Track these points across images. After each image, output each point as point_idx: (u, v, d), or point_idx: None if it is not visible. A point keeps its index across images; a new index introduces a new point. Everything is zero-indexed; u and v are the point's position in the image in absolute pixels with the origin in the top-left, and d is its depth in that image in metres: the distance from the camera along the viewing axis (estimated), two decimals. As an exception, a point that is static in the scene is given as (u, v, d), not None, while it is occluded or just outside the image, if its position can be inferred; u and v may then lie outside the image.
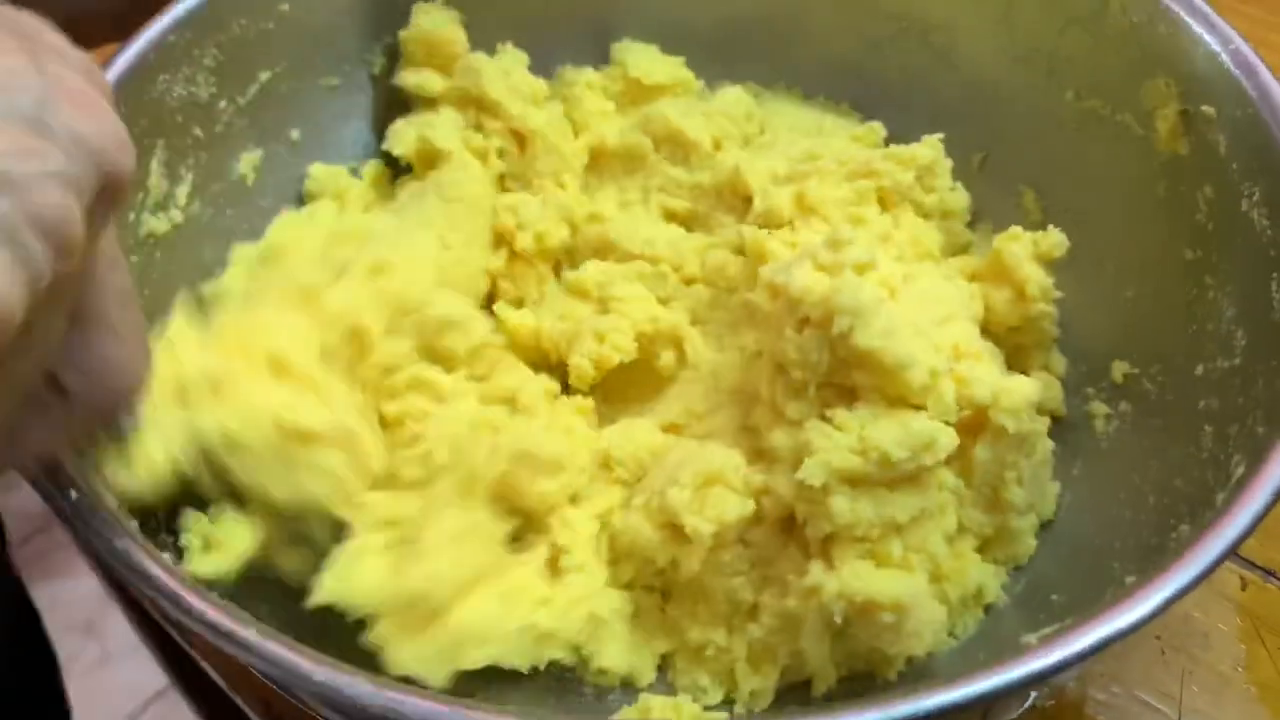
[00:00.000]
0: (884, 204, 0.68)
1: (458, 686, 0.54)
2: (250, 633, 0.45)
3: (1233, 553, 0.45)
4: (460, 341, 0.64)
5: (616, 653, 0.59)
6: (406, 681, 0.54)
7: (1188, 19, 0.61)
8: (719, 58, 0.78)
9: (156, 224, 0.64)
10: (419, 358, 0.63)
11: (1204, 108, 0.60)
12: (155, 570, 0.47)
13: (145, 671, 1.52)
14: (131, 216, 0.62)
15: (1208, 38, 0.60)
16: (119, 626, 1.46)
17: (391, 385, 0.62)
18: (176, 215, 0.65)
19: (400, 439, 0.61)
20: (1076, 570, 0.58)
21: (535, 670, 0.58)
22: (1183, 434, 0.56)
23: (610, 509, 0.61)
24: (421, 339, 0.63)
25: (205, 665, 0.70)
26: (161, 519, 0.55)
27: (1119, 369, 0.63)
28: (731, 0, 0.77)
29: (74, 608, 1.78)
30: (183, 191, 0.66)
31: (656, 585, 0.60)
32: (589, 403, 0.66)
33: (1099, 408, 0.64)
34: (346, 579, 0.56)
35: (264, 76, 0.70)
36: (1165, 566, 0.45)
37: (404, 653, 0.54)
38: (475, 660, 0.55)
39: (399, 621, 0.55)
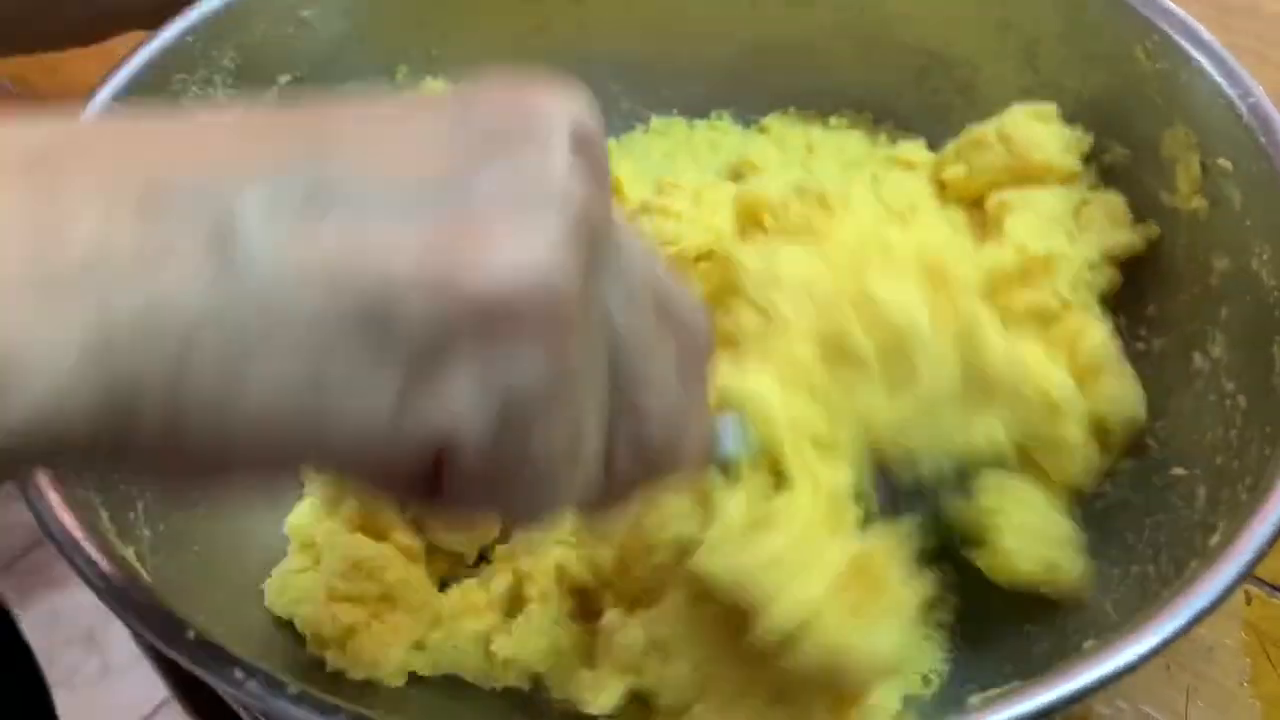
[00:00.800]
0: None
1: (420, 696, 0.57)
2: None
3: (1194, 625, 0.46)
4: None
5: (577, 684, 0.59)
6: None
7: (1209, 68, 0.62)
8: (726, 88, 0.81)
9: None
10: None
11: (1220, 161, 0.61)
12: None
13: (146, 684, 1.54)
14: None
15: (1228, 88, 0.61)
16: (120, 639, 1.49)
17: None
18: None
19: None
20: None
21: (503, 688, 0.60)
22: (1181, 494, 0.58)
23: (567, 534, 0.62)
24: None
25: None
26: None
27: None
28: (749, 28, 0.79)
29: (75, 619, 1.82)
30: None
31: None
32: None
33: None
34: (282, 595, 0.61)
35: (283, 80, 0.73)
36: (1122, 635, 0.46)
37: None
38: (420, 667, 0.59)
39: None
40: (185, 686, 1.19)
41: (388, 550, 0.62)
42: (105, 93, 0.65)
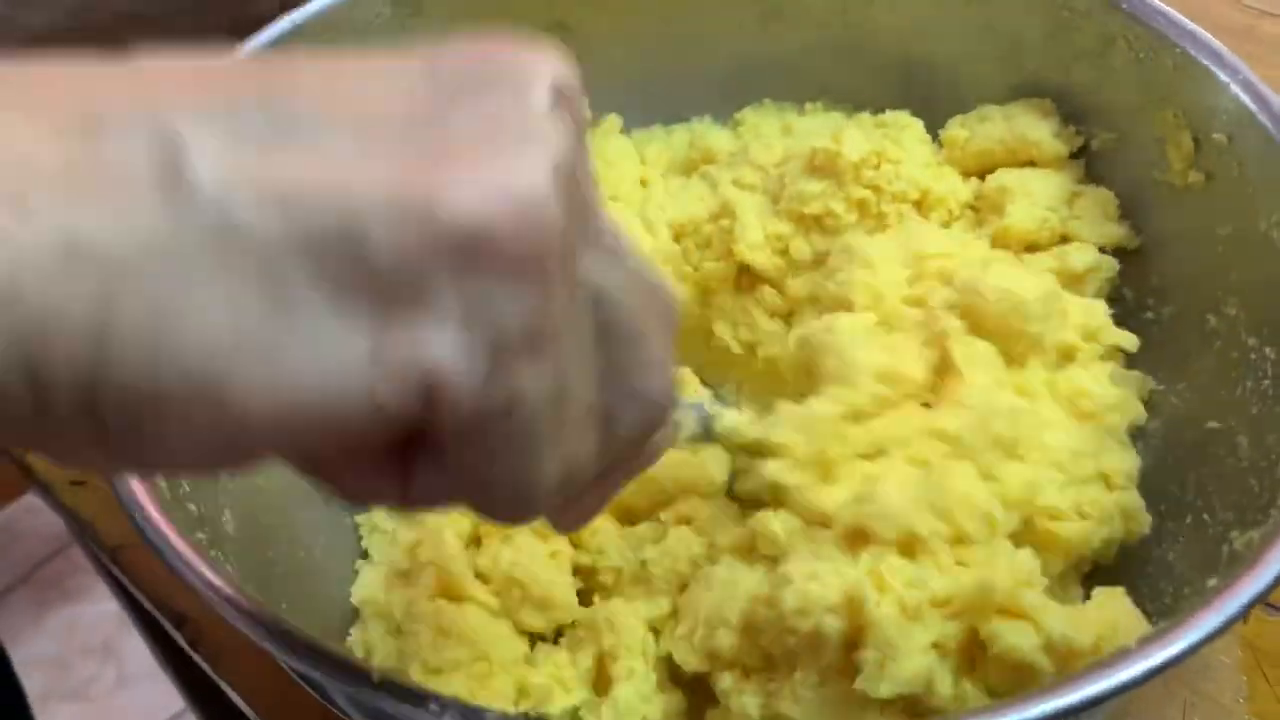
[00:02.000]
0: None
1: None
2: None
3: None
4: None
5: None
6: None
7: (1194, 52, 0.58)
8: (710, 103, 0.75)
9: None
10: None
11: (1215, 136, 0.57)
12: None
13: (162, 695, 1.47)
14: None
15: (1215, 69, 0.57)
16: (137, 649, 1.41)
17: None
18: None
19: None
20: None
21: None
22: (1222, 446, 0.54)
23: (659, 618, 0.55)
24: None
25: (232, 693, 0.66)
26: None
27: (1144, 387, 0.60)
28: (739, 45, 0.73)
29: (92, 630, 1.73)
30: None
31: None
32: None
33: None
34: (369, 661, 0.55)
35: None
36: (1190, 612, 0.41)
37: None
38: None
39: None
40: (201, 697, 1.13)
41: (470, 610, 0.56)
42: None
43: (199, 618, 0.65)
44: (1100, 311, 0.60)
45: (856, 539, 0.49)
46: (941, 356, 0.55)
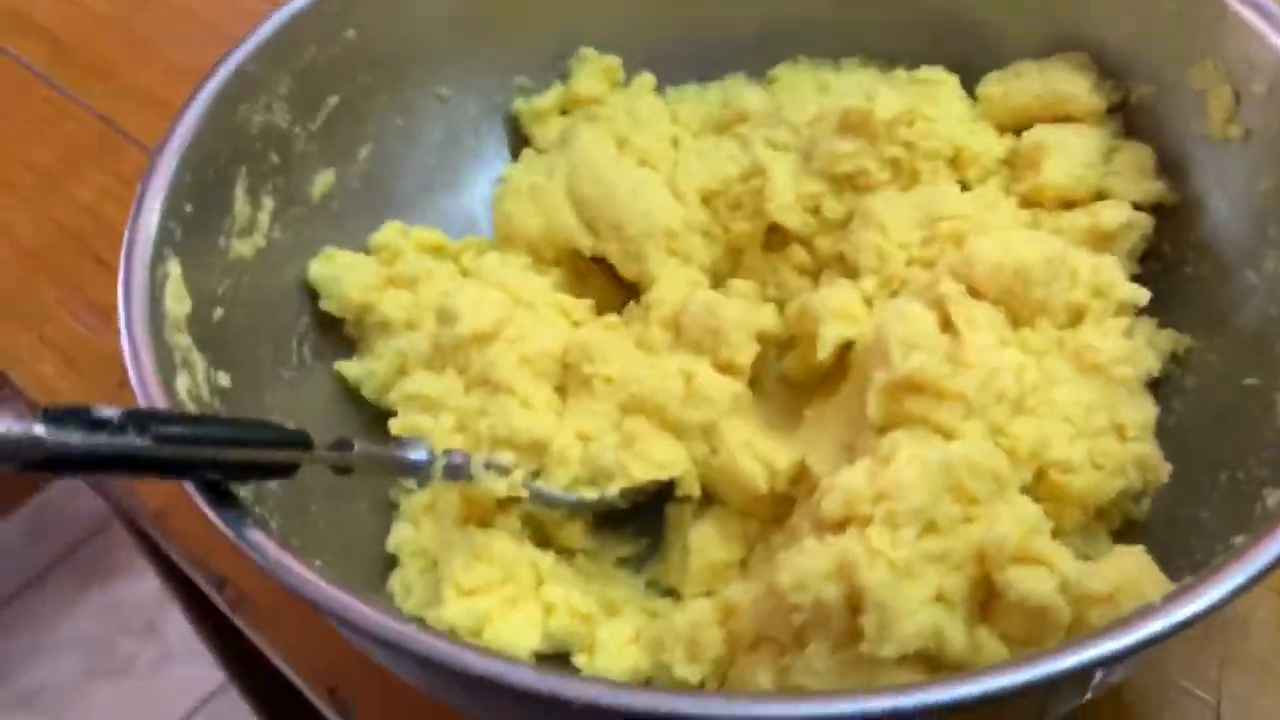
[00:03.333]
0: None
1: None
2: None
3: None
4: None
5: None
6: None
7: (1234, 2, 0.59)
8: (757, 59, 0.76)
9: (243, 248, 0.62)
10: None
11: (1255, 87, 0.58)
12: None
13: (204, 670, 1.50)
14: (221, 242, 0.61)
15: (1257, 20, 0.58)
16: (178, 627, 1.44)
17: None
18: (260, 239, 0.64)
19: None
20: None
21: None
22: (1259, 403, 0.55)
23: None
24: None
25: (273, 654, 0.67)
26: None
27: (1180, 343, 0.61)
28: (765, 9, 0.75)
29: (133, 609, 1.77)
30: (264, 216, 0.64)
31: None
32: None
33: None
34: (409, 598, 0.59)
35: (333, 101, 0.68)
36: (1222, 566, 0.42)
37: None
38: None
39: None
40: (243, 671, 1.15)
41: (497, 535, 0.59)
42: (190, 116, 0.60)
43: (239, 580, 0.67)
44: (1111, 267, 0.61)
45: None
46: (944, 318, 0.56)
